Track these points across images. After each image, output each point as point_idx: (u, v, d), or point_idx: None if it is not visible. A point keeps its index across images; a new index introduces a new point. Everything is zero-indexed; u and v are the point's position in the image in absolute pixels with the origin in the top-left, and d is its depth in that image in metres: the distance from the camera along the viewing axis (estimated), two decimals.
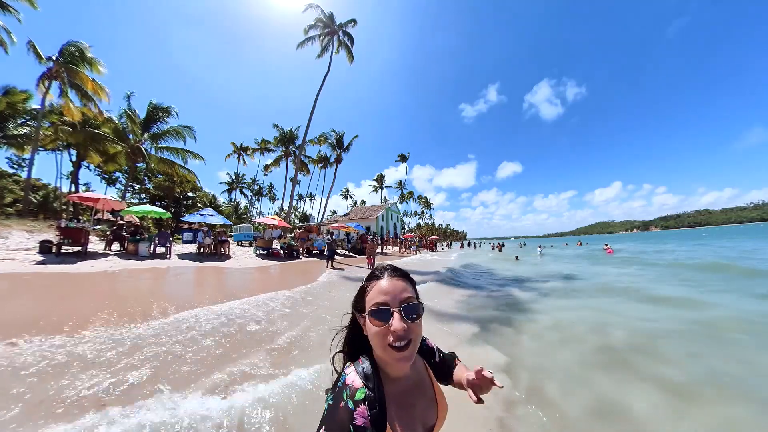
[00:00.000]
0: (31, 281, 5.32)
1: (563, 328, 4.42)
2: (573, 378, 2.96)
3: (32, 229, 10.06)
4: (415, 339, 0.68)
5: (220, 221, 14.10)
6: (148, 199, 22.31)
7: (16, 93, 17.02)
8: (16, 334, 2.97)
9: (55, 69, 15.40)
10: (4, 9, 14.26)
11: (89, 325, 3.39)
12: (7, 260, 6.55)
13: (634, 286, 7.78)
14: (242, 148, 40.61)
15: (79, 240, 8.37)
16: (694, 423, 2.25)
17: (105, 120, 18.66)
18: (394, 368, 0.71)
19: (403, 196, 62.08)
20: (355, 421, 0.60)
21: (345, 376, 0.68)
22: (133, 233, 10.33)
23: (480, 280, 10.52)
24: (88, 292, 5.02)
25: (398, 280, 0.73)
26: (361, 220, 37.00)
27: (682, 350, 3.52)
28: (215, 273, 8.39)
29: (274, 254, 14.12)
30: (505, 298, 6.84)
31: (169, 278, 6.90)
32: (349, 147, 33.97)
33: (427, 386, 0.81)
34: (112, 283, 5.90)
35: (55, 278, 5.70)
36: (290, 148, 31.84)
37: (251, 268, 9.81)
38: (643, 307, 5.71)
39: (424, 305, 0.73)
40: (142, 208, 11.51)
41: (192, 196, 25.88)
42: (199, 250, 11.73)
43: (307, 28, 24.75)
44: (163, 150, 19.30)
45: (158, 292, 5.46)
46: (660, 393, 2.62)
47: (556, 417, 2.32)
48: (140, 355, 2.80)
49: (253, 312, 4.50)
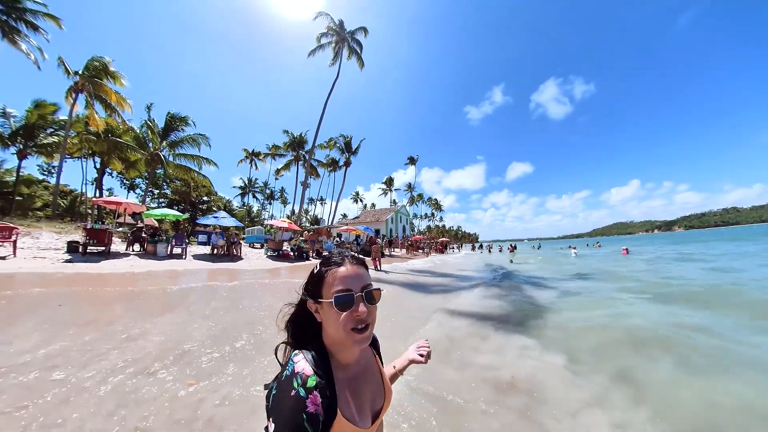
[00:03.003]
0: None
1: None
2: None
3: (60, 231, 10.74)
4: (373, 322, 0.72)
5: (233, 224, 14.58)
6: (166, 203, 23.28)
7: (46, 105, 18.18)
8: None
9: (80, 82, 16.43)
10: (36, 29, 15.44)
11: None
12: (38, 258, 7.11)
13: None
14: (254, 154, 41.74)
15: (103, 241, 8.90)
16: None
17: (127, 129, 19.70)
18: (347, 353, 0.73)
19: (413, 198, 62.07)
20: (307, 408, 0.59)
21: (293, 364, 0.66)
22: (152, 235, 10.86)
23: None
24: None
25: (359, 267, 0.75)
26: (371, 223, 37.21)
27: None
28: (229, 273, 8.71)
29: (284, 256, 14.46)
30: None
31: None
32: (357, 150, 34.40)
33: (375, 372, 0.83)
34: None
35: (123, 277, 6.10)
36: (300, 153, 32.54)
37: (260, 270, 10.12)
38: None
39: (381, 290, 0.77)
40: (160, 211, 12.08)
41: (207, 200, 26.78)
42: (213, 251, 12.18)
43: (319, 36, 25.38)
44: (180, 157, 20.16)
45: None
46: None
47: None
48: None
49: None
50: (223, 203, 31.07)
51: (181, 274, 7.51)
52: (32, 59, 15.87)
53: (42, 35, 15.74)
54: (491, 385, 2.89)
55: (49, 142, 17.93)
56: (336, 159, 36.17)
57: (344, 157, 34.47)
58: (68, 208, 18.50)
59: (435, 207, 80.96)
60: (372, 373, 0.82)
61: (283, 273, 9.76)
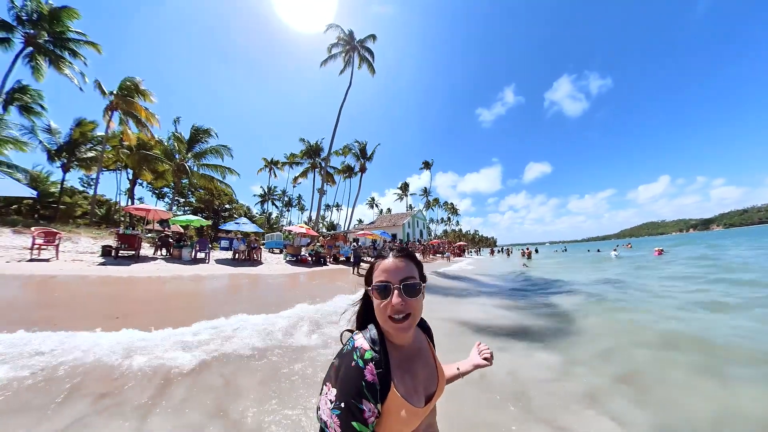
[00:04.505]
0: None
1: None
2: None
3: (96, 236, 11.53)
4: (414, 313, 0.75)
5: (253, 229, 15.04)
6: (191, 210, 24.43)
7: (86, 123, 19.76)
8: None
9: (115, 101, 17.77)
10: (77, 56, 17.09)
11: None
12: (76, 261, 7.65)
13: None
14: (272, 163, 43.12)
15: (133, 245, 9.43)
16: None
17: (156, 142, 21.00)
18: (396, 338, 0.78)
19: (429, 203, 61.59)
20: (365, 377, 0.67)
21: (353, 341, 0.75)
22: (177, 240, 11.40)
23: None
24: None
25: (401, 261, 0.79)
26: (387, 228, 37.18)
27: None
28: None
29: (302, 261, 14.67)
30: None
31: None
32: (372, 156, 34.69)
33: (428, 357, 0.88)
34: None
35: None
36: (316, 160, 33.24)
37: (281, 275, 10.32)
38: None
39: (424, 285, 0.80)
40: (185, 218, 12.70)
41: (229, 208, 27.88)
42: (234, 256, 12.58)
43: (329, 47, 26.14)
44: (204, 167, 21.21)
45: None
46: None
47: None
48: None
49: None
50: (243, 210, 32.23)
51: (205, 278, 7.81)
52: (75, 83, 17.43)
53: (82, 60, 17.34)
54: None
55: (89, 157, 19.41)
56: (351, 165, 36.64)
57: (359, 163, 34.84)
58: (104, 216, 19.95)
59: (451, 211, 79.88)
60: (425, 357, 0.87)
61: (302, 278, 9.91)
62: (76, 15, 16.53)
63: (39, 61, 16.37)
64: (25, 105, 18.36)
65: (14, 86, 18.03)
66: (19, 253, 7.47)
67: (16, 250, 7.76)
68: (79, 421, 1.99)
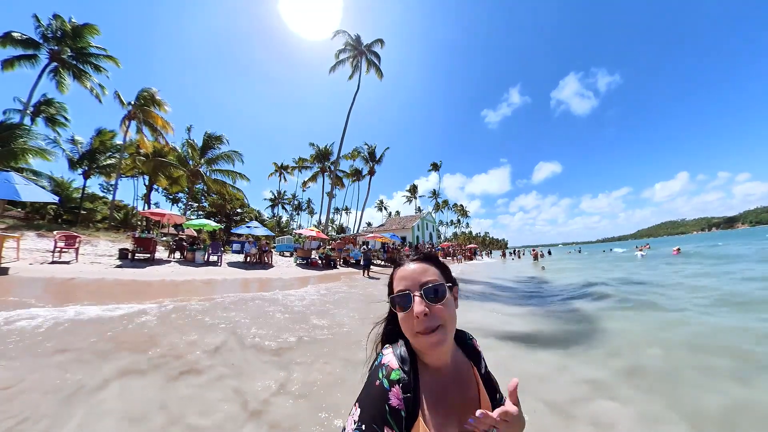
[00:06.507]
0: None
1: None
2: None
3: (114, 240, 11.92)
4: (446, 323, 0.65)
5: (264, 233, 15.22)
6: (204, 214, 25.02)
7: (106, 133, 20.60)
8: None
9: (132, 112, 18.48)
10: (99, 70, 17.96)
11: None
12: (95, 263, 7.91)
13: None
14: (282, 167, 43.84)
15: (149, 248, 9.68)
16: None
17: (170, 149, 21.68)
18: (429, 356, 0.68)
19: (438, 205, 61.16)
20: (390, 401, 0.59)
21: (382, 356, 0.67)
22: (191, 243, 11.64)
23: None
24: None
25: (418, 264, 0.71)
26: (397, 231, 37.04)
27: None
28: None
29: (312, 264, 14.74)
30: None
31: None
32: (381, 159, 34.80)
33: (469, 384, 0.74)
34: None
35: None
36: (326, 164, 33.60)
37: (293, 278, 10.36)
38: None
39: (450, 287, 0.70)
40: (199, 222, 12.98)
41: (240, 212, 28.38)
42: (246, 259, 12.75)
43: (337, 53, 26.53)
44: (217, 172, 21.71)
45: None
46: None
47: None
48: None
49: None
50: (254, 214, 32.74)
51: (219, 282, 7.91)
52: (95, 94, 18.26)
53: (105, 74, 18.27)
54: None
55: (108, 164, 20.19)
56: (359, 169, 36.85)
57: (368, 166, 34.99)
58: (123, 220, 20.71)
59: (461, 213, 79.09)
60: (465, 383, 0.73)
61: (312, 280, 9.92)
62: (96, 31, 17.38)
63: (63, 75, 17.23)
64: (50, 116, 19.33)
65: (40, 99, 19.03)
66: (42, 256, 7.77)
67: (39, 252, 8.08)
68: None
